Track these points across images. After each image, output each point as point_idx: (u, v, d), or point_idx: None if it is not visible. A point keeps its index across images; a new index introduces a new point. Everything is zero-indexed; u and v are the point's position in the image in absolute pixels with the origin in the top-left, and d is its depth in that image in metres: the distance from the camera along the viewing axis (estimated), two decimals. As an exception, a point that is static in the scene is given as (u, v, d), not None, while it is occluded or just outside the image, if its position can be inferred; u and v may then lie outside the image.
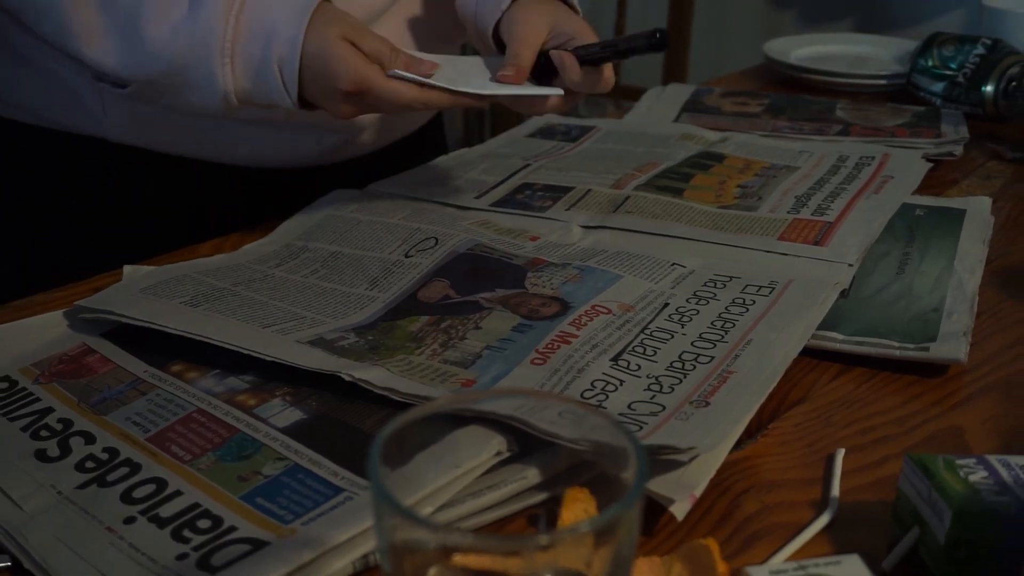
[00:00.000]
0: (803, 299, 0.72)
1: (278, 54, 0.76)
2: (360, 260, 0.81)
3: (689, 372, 0.63)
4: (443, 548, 0.38)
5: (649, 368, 0.64)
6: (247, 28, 0.76)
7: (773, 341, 0.66)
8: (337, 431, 0.60)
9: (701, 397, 0.60)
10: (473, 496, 0.53)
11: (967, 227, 0.87)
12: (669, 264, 0.78)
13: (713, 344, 0.67)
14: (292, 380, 0.64)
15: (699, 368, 0.64)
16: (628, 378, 0.63)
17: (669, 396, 0.61)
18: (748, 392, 0.60)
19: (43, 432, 0.60)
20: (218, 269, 0.78)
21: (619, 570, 0.38)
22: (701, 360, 0.65)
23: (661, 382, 0.62)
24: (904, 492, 0.52)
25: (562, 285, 0.75)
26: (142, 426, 0.60)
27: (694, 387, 0.61)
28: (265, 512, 0.52)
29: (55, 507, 0.54)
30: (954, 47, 1.26)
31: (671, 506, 0.52)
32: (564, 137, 1.12)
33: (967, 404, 0.66)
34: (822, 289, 0.73)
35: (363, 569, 0.51)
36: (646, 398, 0.61)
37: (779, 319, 0.69)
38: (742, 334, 0.68)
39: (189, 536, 0.51)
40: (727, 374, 0.62)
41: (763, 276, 0.76)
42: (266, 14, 0.76)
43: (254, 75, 0.77)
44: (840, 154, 1.04)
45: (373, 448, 0.39)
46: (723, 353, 0.65)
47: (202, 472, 0.56)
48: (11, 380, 0.66)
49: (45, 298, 0.78)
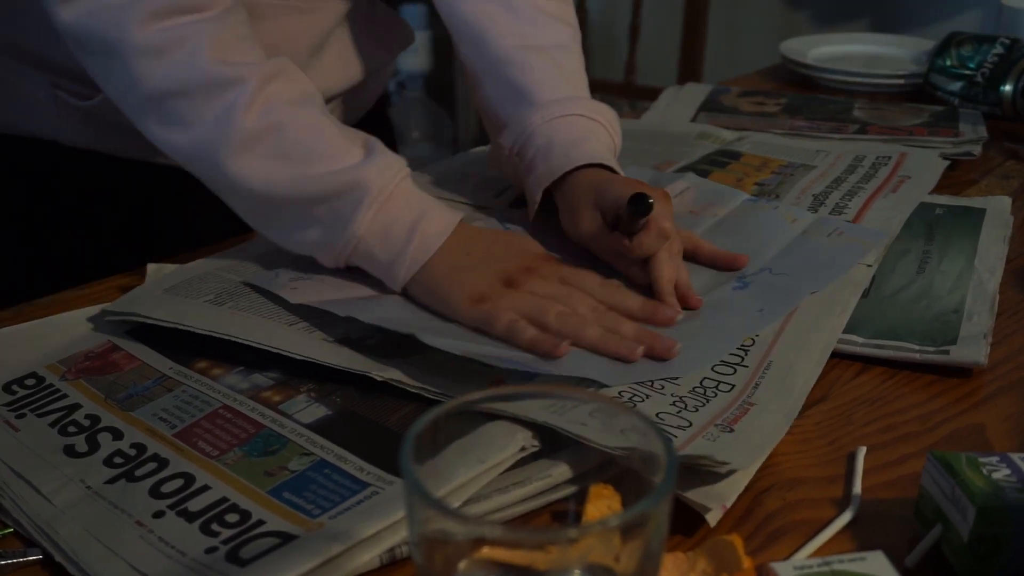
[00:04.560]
0: (822, 306, 0.72)
1: (425, 228, 0.72)
2: None
3: (711, 399, 0.63)
4: (473, 540, 0.39)
5: (672, 389, 0.64)
6: (406, 193, 0.73)
7: (793, 364, 0.66)
8: (362, 427, 0.60)
9: (725, 423, 0.60)
10: (500, 492, 0.53)
11: (987, 226, 0.87)
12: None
13: (734, 369, 0.66)
14: (316, 377, 0.65)
15: (720, 397, 0.63)
16: (653, 394, 0.63)
17: (695, 415, 0.61)
18: (771, 422, 0.60)
19: (71, 428, 0.61)
20: (241, 264, 0.79)
21: (648, 565, 0.38)
22: (722, 388, 0.64)
23: (685, 402, 0.62)
24: (927, 489, 0.53)
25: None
26: (168, 422, 0.61)
27: (718, 412, 0.61)
28: (292, 507, 0.53)
29: (84, 501, 0.54)
30: (972, 47, 1.26)
31: (706, 514, 0.53)
32: None
33: (988, 402, 0.66)
34: (841, 292, 0.73)
35: (390, 562, 0.51)
36: (672, 411, 0.61)
37: (799, 334, 0.69)
38: (762, 355, 0.67)
39: (218, 530, 0.52)
40: (748, 406, 0.62)
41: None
42: (423, 193, 0.75)
43: (389, 232, 0.72)
44: (857, 154, 1.05)
45: (405, 442, 0.39)
46: (744, 382, 0.64)
47: (229, 467, 0.57)
48: (38, 377, 0.67)
49: (71, 295, 0.79)
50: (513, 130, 0.85)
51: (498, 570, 0.38)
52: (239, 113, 0.71)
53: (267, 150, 0.72)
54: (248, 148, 0.71)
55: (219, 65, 0.71)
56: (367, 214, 0.71)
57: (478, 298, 0.69)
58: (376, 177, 0.72)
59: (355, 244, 0.72)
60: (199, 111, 0.72)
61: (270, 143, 0.72)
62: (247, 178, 0.72)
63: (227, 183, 0.73)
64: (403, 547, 0.51)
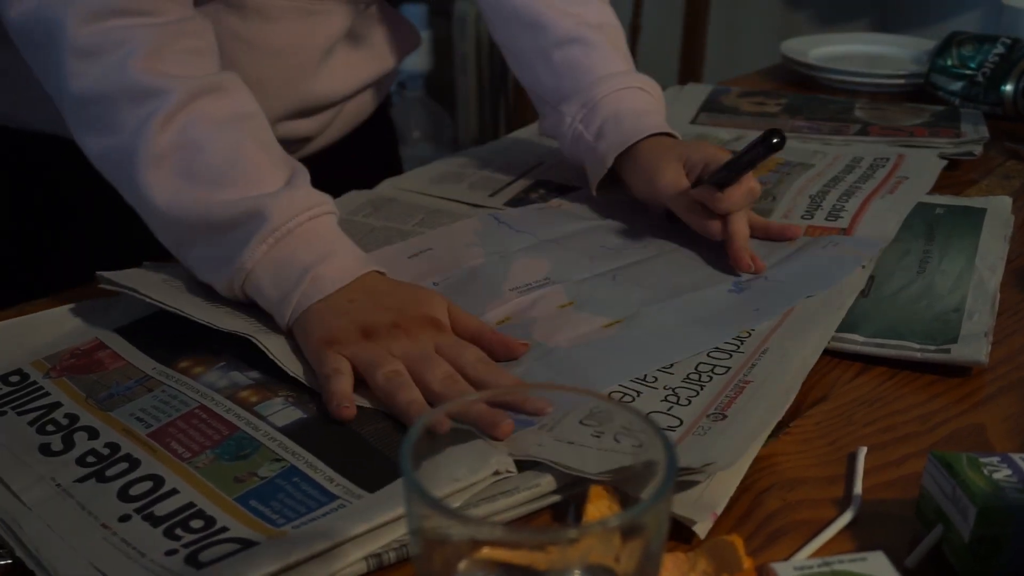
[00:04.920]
0: (819, 305, 0.72)
1: (322, 272, 0.67)
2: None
3: (706, 384, 0.63)
4: (472, 541, 0.39)
5: (666, 380, 0.64)
6: (311, 234, 0.69)
7: (789, 349, 0.66)
8: (336, 434, 0.59)
9: (718, 410, 0.60)
10: (487, 501, 0.53)
11: (988, 225, 0.87)
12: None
13: (729, 355, 0.67)
14: (295, 381, 0.64)
15: (715, 380, 0.64)
16: (645, 389, 0.63)
17: (686, 408, 0.61)
18: (765, 404, 0.60)
19: (49, 427, 0.61)
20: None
21: (648, 565, 0.38)
22: (717, 372, 0.65)
23: (678, 394, 0.62)
24: (928, 490, 0.52)
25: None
26: (145, 422, 0.61)
27: (711, 400, 0.61)
28: (258, 515, 0.53)
29: (52, 499, 0.54)
30: (973, 46, 1.25)
31: (694, 526, 0.52)
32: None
33: (988, 402, 0.66)
34: (838, 294, 0.73)
35: (377, 568, 0.51)
36: (663, 409, 0.61)
37: (795, 326, 0.69)
38: (758, 344, 0.68)
39: (181, 535, 0.51)
40: (743, 384, 0.62)
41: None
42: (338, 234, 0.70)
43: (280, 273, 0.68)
44: (854, 155, 1.05)
45: (405, 443, 0.39)
46: (739, 364, 0.65)
47: (199, 471, 0.56)
48: (23, 374, 0.67)
49: (68, 295, 0.78)
50: (579, 100, 0.91)
51: (498, 570, 0.38)
52: (155, 126, 0.68)
53: (176, 168, 0.69)
54: (158, 164, 0.69)
55: (146, 74, 0.69)
56: (260, 247, 0.67)
57: (329, 340, 0.65)
58: (280, 210, 0.67)
59: (245, 276, 0.68)
60: (120, 119, 0.69)
61: (180, 161, 0.69)
62: (153, 194, 0.69)
63: (136, 196, 0.71)
64: (389, 554, 0.51)
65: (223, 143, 0.70)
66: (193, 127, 0.69)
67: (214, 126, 0.70)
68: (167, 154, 0.69)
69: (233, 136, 0.70)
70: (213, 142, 0.69)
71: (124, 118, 0.69)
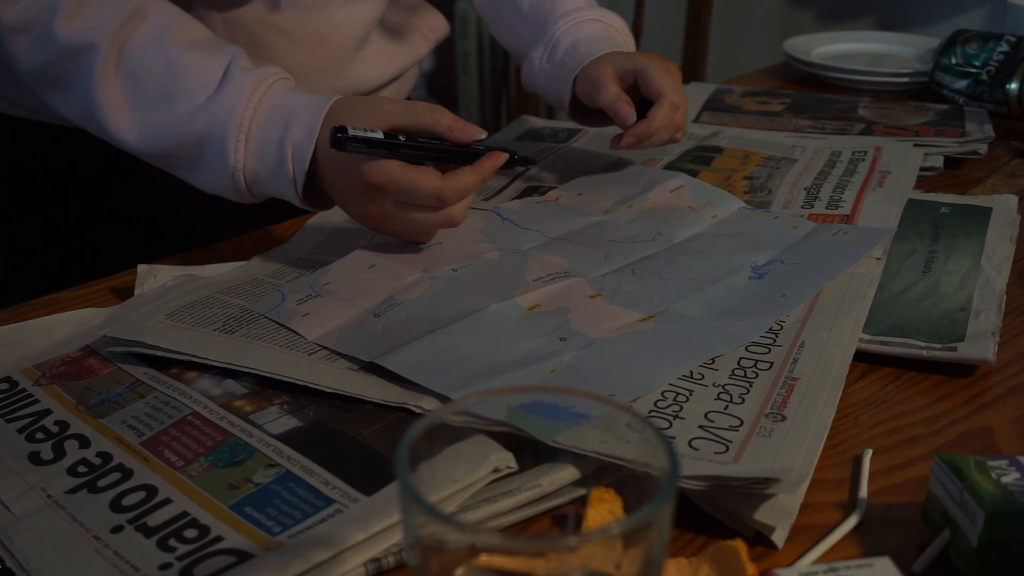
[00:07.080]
0: (842, 295, 0.73)
1: (294, 140, 0.73)
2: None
3: (753, 380, 0.63)
4: (470, 548, 0.38)
5: (712, 376, 0.63)
6: (268, 110, 0.74)
7: (827, 342, 0.67)
8: (332, 439, 0.58)
9: (774, 409, 0.59)
10: (488, 502, 0.52)
11: (994, 225, 0.86)
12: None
13: (768, 349, 0.67)
14: (291, 389, 0.63)
15: (762, 376, 0.63)
16: (696, 388, 0.62)
17: (741, 407, 0.60)
18: (820, 401, 0.60)
19: (39, 435, 0.60)
20: (238, 286, 0.76)
21: (650, 572, 0.37)
22: (761, 367, 0.64)
23: (729, 392, 0.62)
24: (935, 493, 0.52)
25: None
26: (137, 430, 0.60)
27: (764, 398, 0.61)
28: (253, 523, 0.52)
29: (43, 511, 0.53)
30: (977, 44, 1.24)
31: (772, 534, 0.52)
32: (553, 139, 1.12)
33: (996, 404, 0.65)
34: (858, 285, 0.73)
35: (376, 572, 0.50)
36: (719, 408, 0.60)
37: (825, 318, 0.70)
38: (794, 337, 0.68)
39: (175, 546, 0.50)
40: (791, 381, 0.62)
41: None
42: (288, 99, 0.74)
43: (265, 157, 0.74)
44: (832, 149, 1.05)
45: (400, 448, 0.38)
46: (781, 358, 0.65)
47: (193, 479, 0.55)
48: (12, 381, 0.66)
49: (64, 296, 0.78)
50: (542, 40, 0.97)
51: (496, 578, 0.37)
52: (98, 76, 0.74)
53: (130, 104, 0.74)
54: (115, 106, 0.74)
55: (73, 34, 0.74)
56: (238, 147, 0.73)
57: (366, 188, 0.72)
58: (229, 111, 0.73)
59: (243, 175, 0.75)
60: (68, 79, 0.75)
61: (130, 97, 0.74)
62: (126, 136, 0.75)
63: (119, 144, 0.76)
64: (388, 558, 0.50)
65: (156, 63, 0.74)
66: (127, 62, 0.74)
67: (143, 51, 0.75)
68: (117, 95, 0.74)
69: (161, 52, 0.75)
70: (148, 67, 0.74)
71: (71, 78, 0.75)
